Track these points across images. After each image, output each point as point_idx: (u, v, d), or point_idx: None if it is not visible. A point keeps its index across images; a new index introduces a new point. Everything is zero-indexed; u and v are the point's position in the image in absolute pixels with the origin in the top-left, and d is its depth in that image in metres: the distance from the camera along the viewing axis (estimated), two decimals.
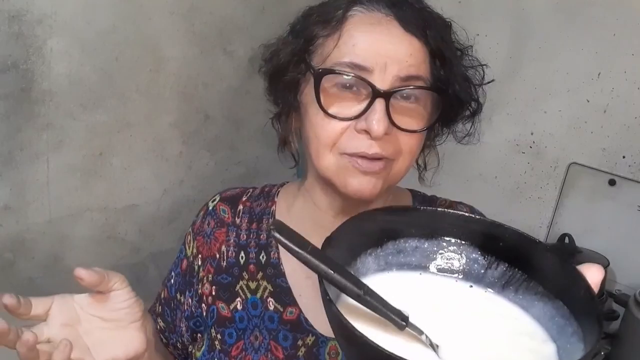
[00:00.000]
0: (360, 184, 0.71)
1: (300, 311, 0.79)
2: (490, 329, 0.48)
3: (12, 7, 1.19)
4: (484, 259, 0.51)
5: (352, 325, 0.39)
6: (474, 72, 0.79)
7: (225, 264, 0.83)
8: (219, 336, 0.81)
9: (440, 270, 0.53)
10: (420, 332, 0.45)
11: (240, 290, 0.82)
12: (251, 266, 0.82)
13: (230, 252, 0.83)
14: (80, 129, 1.37)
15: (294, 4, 0.84)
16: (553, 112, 1.76)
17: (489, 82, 0.80)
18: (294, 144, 0.83)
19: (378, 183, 0.71)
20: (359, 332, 0.38)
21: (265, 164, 1.85)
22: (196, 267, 0.85)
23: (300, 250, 0.44)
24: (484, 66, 0.79)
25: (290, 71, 0.76)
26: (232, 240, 0.84)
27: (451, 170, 0.87)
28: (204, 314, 0.83)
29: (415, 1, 0.75)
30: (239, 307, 0.81)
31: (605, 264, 1.61)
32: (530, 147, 1.82)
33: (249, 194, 0.88)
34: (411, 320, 0.45)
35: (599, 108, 1.68)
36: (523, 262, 0.49)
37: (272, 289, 0.81)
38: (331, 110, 0.70)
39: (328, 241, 0.47)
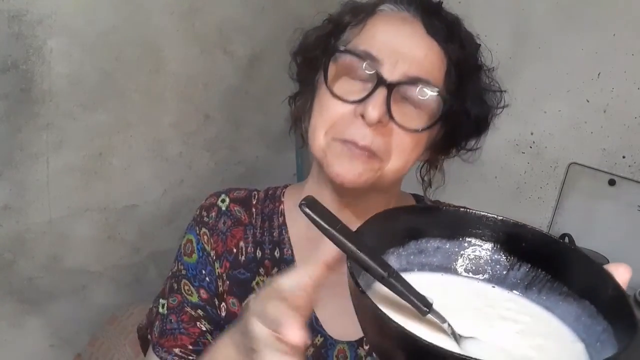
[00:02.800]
0: (344, 168, 0.71)
1: (312, 310, 0.79)
2: (514, 327, 0.47)
3: (12, 7, 1.19)
4: (507, 259, 0.51)
5: (377, 307, 0.38)
6: (492, 95, 0.80)
7: (243, 258, 0.83)
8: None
9: (462, 271, 0.52)
10: (443, 320, 0.44)
11: (256, 286, 0.82)
12: (266, 262, 0.83)
13: (249, 248, 0.83)
14: (80, 129, 1.37)
15: (293, 4, 0.84)
16: (553, 112, 1.76)
17: (505, 107, 0.81)
18: (304, 125, 0.83)
19: (364, 173, 0.71)
20: (382, 312, 0.38)
21: (265, 163, 1.85)
22: (215, 265, 0.84)
23: (328, 227, 0.44)
24: (504, 92, 0.81)
25: (313, 51, 0.78)
26: (249, 238, 0.84)
27: (451, 171, 0.87)
28: (218, 311, 0.83)
29: (448, 14, 0.77)
30: None
31: (605, 264, 1.61)
32: (530, 147, 1.82)
33: (256, 197, 0.88)
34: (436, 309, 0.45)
35: (598, 108, 1.68)
36: (546, 262, 0.49)
37: None
38: (337, 92, 0.71)
39: (358, 233, 0.47)
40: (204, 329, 0.81)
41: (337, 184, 0.72)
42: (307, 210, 0.45)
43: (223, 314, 0.81)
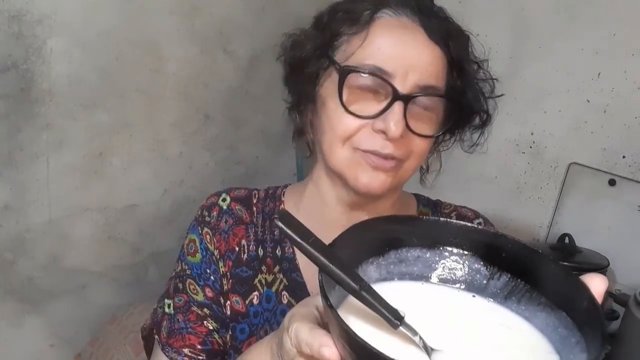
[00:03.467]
0: (370, 179, 0.73)
1: None
2: (491, 338, 0.47)
3: (12, 7, 1.19)
4: (487, 269, 0.51)
5: (343, 321, 0.39)
6: (485, 84, 0.82)
7: (246, 256, 0.83)
8: (229, 331, 0.81)
9: (442, 280, 0.52)
10: (415, 333, 0.45)
11: (258, 284, 0.82)
12: (268, 259, 0.83)
13: (251, 246, 0.84)
14: (80, 129, 1.37)
15: (293, 4, 0.85)
16: (553, 112, 1.76)
17: (499, 96, 0.83)
18: (310, 135, 0.84)
19: (387, 180, 0.73)
20: (348, 327, 0.38)
21: (265, 163, 1.85)
22: (219, 264, 0.84)
23: (301, 241, 0.45)
24: (495, 80, 0.82)
25: (312, 64, 0.77)
26: (251, 236, 0.84)
27: (451, 171, 0.88)
28: (223, 309, 0.83)
29: (440, 11, 0.78)
30: (255, 301, 0.82)
31: (606, 264, 1.61)
32: (530, 147, 1.82)
33: (257, 196, 0.88)
34: (408, 322, 0.45)
35: (599, 108, 1.68)
36: (526, 272, 0.49)
37: (287, 283, 0.82)
38: (351, 108, 0.72)
39: (333, 246, 0.47)
40: (211, 327, 0.81)
41: (363, 193, 0.74)
42: (281, 224, 0.45)
43: (228, 312, 0.82)
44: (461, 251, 0.52)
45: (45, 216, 1.36)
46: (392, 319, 0.44)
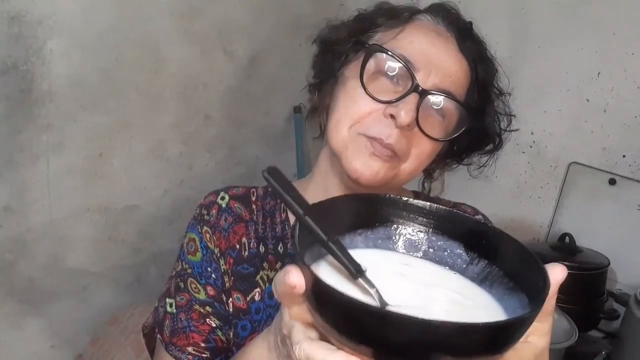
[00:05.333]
0: (363, 165, 0.73)
1: None
2: (448, 300, 0.50)
3: (12, 8, 1.19)
4: (467, 255, 0.54)
5: (303, 257, 0.44)
6: (502, 118, 0.84)
7: (247, 254, 0.84)
8: (232, 328, 0.81)
9: (427, 258, 0.56)
10: (372, 286, 0.47)
11: (260, 280, 0.83)
12: (270, 257, 0.84)
13: (251, 244, 0.84)
14: (81, 129, 1.37)
15: (293, 4, 0.85)
16: (553, 112, 1.76)
17: (514, 130, 0.85)
18: (323, 116, 0.85)
19: (381, 171, 0.73)
20: (306, 265, 0.43)
21: (265, 164, 1.84)
22: (220, 261, 0.84)
23: (283, 192, 0.50)
24: (512, 117, 0.85)
25: (343, 44, 0.80)
26: (252, 234, 0.85)
27: (452, 170, 0.88)
28: (226, 306, 0.83)
29: (477, 36, 0.81)
30: (257, 297, 0.82)
31: (606, 264, 1.61)
32: (531, 146, 1.82)
33: (255, 194, 0.89)
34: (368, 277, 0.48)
35: (599, 107, 1.68)
36: (502, 259, 0.52)
37: None
38: (369, 89, 0.73)
39: (317, 206, 0.50)
40: (213, 325, 0.81)
41: (353, 179, 0.74)
42: (267, 175, 0.51)
43: (230, 309, 0.82)
44: (446, 237, 0.56)
45: (46, 217, 1.36)
46: (353, 269, 0.48)
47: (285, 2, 1.72)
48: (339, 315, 0.42)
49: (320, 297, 0.43)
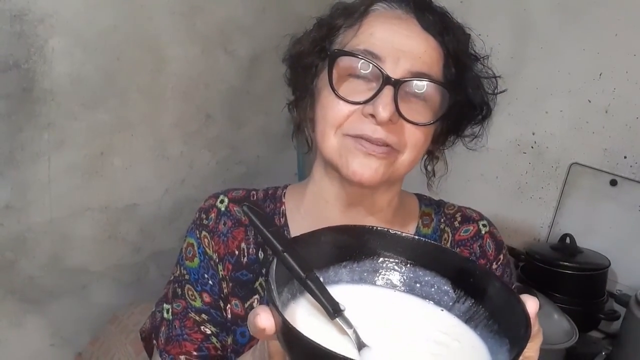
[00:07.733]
0: (362, 165, 0.72)
1: None
2: (431, 342, 0.49)
3: (13, 6, 1.19)
4: (454, 292, 0.53)
5: (275, 300, 0.43)
6: (488, 82, 0.81)
7: (246, 260, 0.82)
8: (231, 335, 0.81)
9: (415, 294, 0.54)
10: (350, 327, 0.46)
11: (259, 287, 0.81)
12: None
13: (251, 250, 0.83)
14: (82, 128, 1.37)
15: (294, 4, 0.85)
16: (554, 112, 1.76)
17: (501, 92, 0.82)
18: (308, 130, 0.84)
19: (380, 168, 0.72)
20: (277, 308, 0.42)
21: (266, 163, 1.85)
22: (218, 267, 0.84)
23: (262, 227, 0.49)
24: (498, 77, 0.82)
25: (309, 56, 0.78)
26: (251, 239, 0.83)
27: (453, 171, 0.87)
28: (224, 313, 0.83)
29: (437, 7, 0.79)
30: (255, 304, 0.81)
31: (607, 264, 1.60)
32: (532, 147, 1.81)
33: (255, 197, 0.88)
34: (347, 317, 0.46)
35: (600, 108, 1.68)
36: (488, 300, 0.51)
37: None
38: (342, 93, 0.72)
39: (301, 239, 0.50)
40: (208, 332, 0.81)
41: (355, 182, 0.73)
42: (246, 209, 0.52)
43: (229, 316, 0.81)
44: (434, 273, 0.54)
45: (47, 216, 1.36)
46: (330, 309, 0.46)
47: (286, 2, 1.72)
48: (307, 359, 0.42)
49: (288, 340, 0.42)
